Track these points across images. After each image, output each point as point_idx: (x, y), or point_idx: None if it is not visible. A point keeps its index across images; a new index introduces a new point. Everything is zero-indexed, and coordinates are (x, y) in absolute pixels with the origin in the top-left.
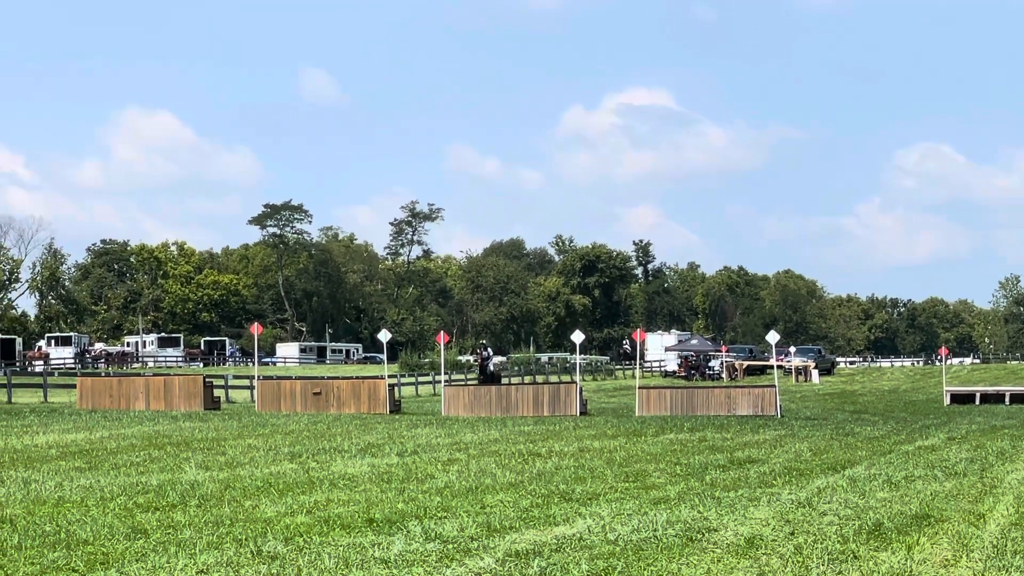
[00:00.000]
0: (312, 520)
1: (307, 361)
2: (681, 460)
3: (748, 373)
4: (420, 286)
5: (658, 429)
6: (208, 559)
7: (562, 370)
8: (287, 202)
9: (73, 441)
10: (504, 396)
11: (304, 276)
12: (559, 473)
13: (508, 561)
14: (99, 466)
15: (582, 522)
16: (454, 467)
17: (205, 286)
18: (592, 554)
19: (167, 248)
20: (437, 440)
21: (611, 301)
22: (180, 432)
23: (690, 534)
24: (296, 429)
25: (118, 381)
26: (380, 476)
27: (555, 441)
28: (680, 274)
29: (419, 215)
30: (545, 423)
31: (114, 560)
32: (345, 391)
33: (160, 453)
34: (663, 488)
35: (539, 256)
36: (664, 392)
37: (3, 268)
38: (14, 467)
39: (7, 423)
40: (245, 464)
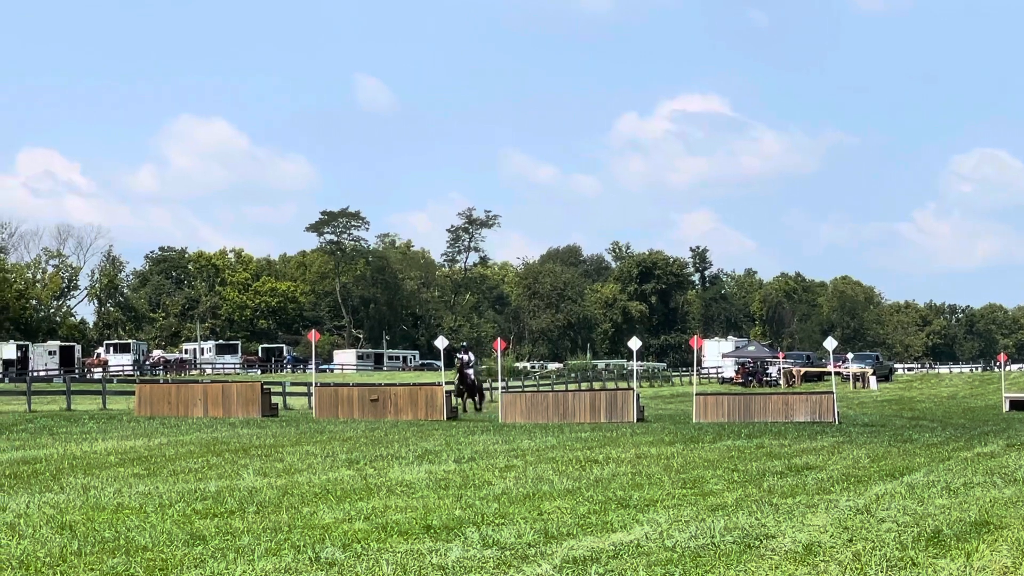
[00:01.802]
0: (370, 527)
1: (364, 368)
2: (738, 467)
3: (806, 380)
4: (477, 293)
5: (715, 436)
6: (266, 565)
7: (619, 377)
8: (344, 209)
9: (132, 448)
10: (561, 403)
11: (361, 283)
12: (616, 480)
13: (566, 568)
14: (158, 472)
15: (640, 529)
16: (511, 474)
17: (263, 293)
18: (650, 561)
19: (225, 255)
20: (494, 447)
21: (668, 308)
22: (238, 439)
23: (748, 541)
24: (353, 436)
25: (176, 388)
26: (437, 483)
27: (612, 448)
28: (737, 280)
29: (476, 222)
30: (602, 430)
31: (173, 566)
32: (402, 398)
33: (218, 460)
34: (720, 495)
35: (596, 262)
36: (721, 399)
37: (62, 276)
38: (74, 473)
39: (67, 430)
40: (303, 471)
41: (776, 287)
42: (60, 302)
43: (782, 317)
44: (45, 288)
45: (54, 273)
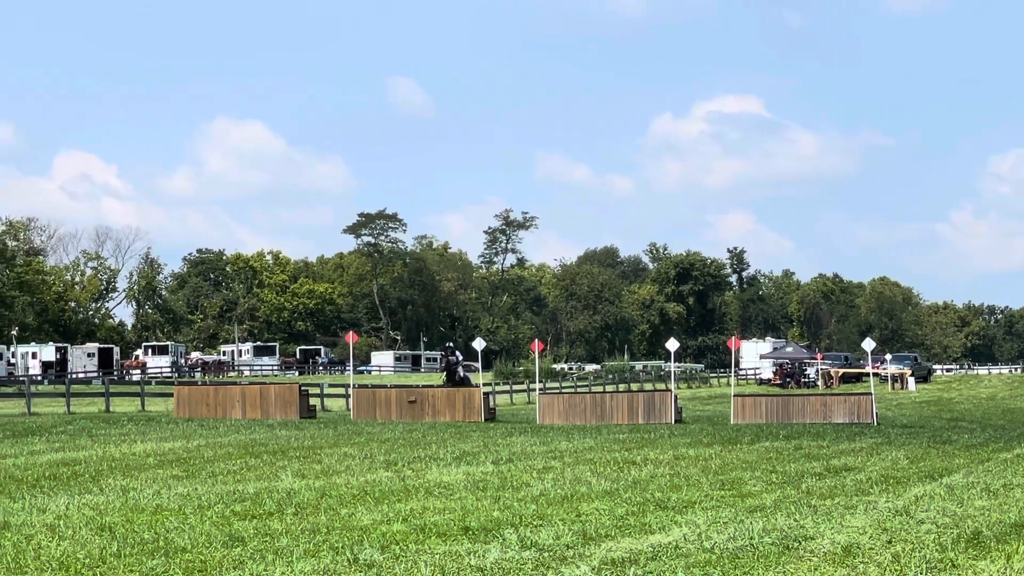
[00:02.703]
0: (408, 528)
1: (402, 369)
2: (777, 468)
3: (844, 381)
4: (514, 294)
5: (753, 437)
6: (305, 567)
7: (657, 378)
8: (381, 211)
9: (171, 449)
10: (599, 404)
11: (399, 285)
12: (654, 481)
13: (604, 569)
14: (196, 474)
15: (678, 530)
16: (549, 475)
17: (300, 295)
18: (688, 562)
19: (262, 257)
20: (532, 448)
21: (705, 309)
22: (276, 440)
23: (786, 542)
24: (391, 437)
25: (214, 390)
26: (475, 484)
27: (650, 449)
28: (774, 281)
29: (513, 223)
30: (640, 431)
31: (212, 568)
32: (440, 399)
33: (256, 461)
34: (759, 496)
35: (633, 264)
36: (759, 400)
37: (101, 278)
38: (113, 475)
39: (106, 431)
40: (341, 472)
41: (814, 288)
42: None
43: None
44: (84, 290)
45: (92, 275)
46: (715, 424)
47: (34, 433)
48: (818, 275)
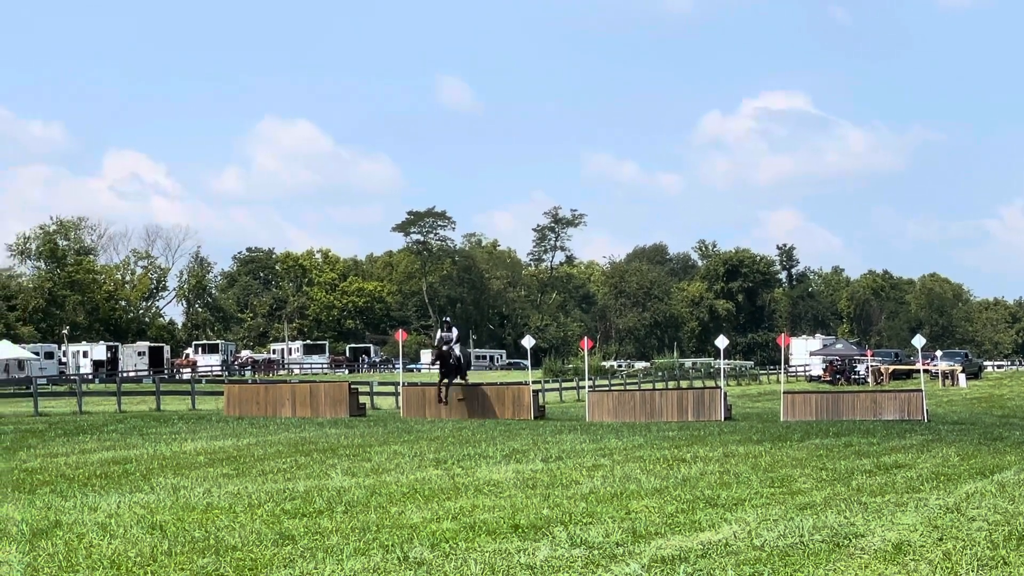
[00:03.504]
0: (458, 526)
1: None
2: (827, 465)
3: (894, 377)
4: (563, 292)
5: (803, 434)
6: (355, 565)
7: (706, 375)
8: (430, 209)
9: (221, 448)
10: (648, 401)
11: (448, 282)
12: (704, 478)
13: (654, 567)
14: (247, 472)
15: (728, 528)
16: (599, 473)
17: (350, 293)
18: (738, 560)
19: (312, 256)
20: (581, 446)
21: (755, 306)
22: (326, 439)
23: (837, 540)
24: (441, 435)
25: (264, 388)
26: (525, 482)
27: (700, 446)
28: (824, 278)
29: (562, 221)
30: (690, 428)
31: (262, 566)
32: (489, 397)
33: (307, 460)
34: (809, 493)
35: (682, 261)
36: (809, 397)
37: (151, 277)
38: (163, 473)
39: (156, 430)
40: (391, 470)
41: (863, 285)
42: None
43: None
44: (134, 289)
45: (143, 274)
46: (765, 421)
47: (85, 432)
48: (868, 272)
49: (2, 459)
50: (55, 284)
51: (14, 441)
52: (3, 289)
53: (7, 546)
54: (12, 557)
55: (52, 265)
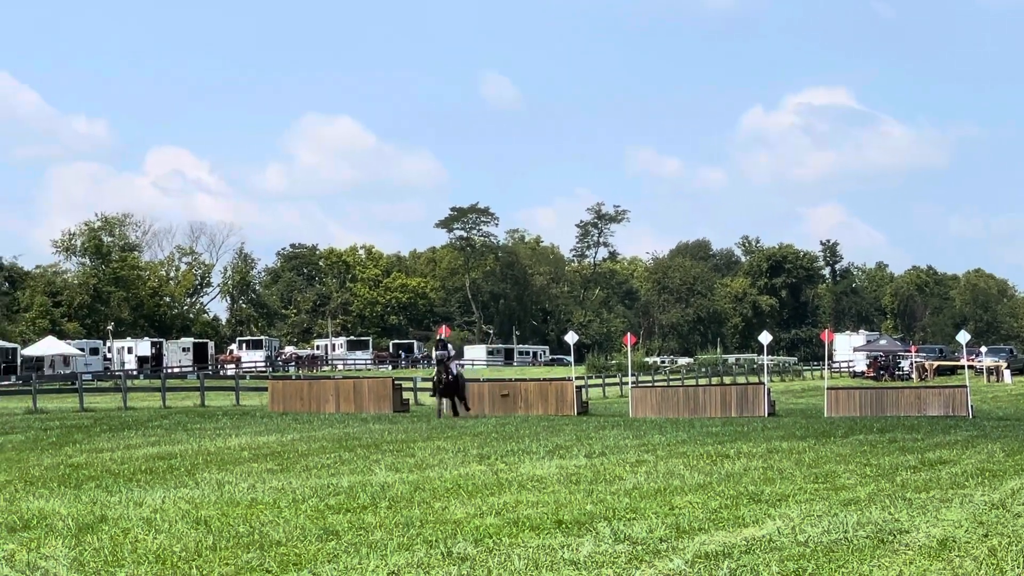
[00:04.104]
0: (501, 521)
1: (494, 363)
2: (871, 461)
3: (938, 373)
4: (606, 288)
5: (847, 430)
6: (399, 560)
7: (749, 371)
8: (473, 205)
9: (265, 443)
10: (692, 397)
11: (491, 278)
12: (748, 474)
13: (697, 563)
14: (291, 468)
15: (771, 523)
16: (642, 468)
17: (393, 289)
18: (782, 556)
19: (355, 252)
20: (625, 441)
21: (798, 302)
22: (370, 434)
23: (881, 536)
24: (484, 431)
25: (308, 384)
26: (568, 477)
27: (743, 442)
28: (868, 274)
29: (605, 217)
30: (733, 424)
31: (306, 561)
32: (533, 393)
33: (350, 455)
34: (853, 489)
35: (725, 257)
36: (853, 393)
37: (195, 273)
38: (208, 469)
39: (201, 426)
40: (434, 466)
41: (907, 280)
42: (193, 299)
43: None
44: (178, 285)
45: (187, 270)
46: (808, 417)
47: (130, 427)
48: (912, 267)
49: (48, 454)
50: (100, 280)
51: (60, 436)
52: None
53: (53, 541)
54: (58, 552)
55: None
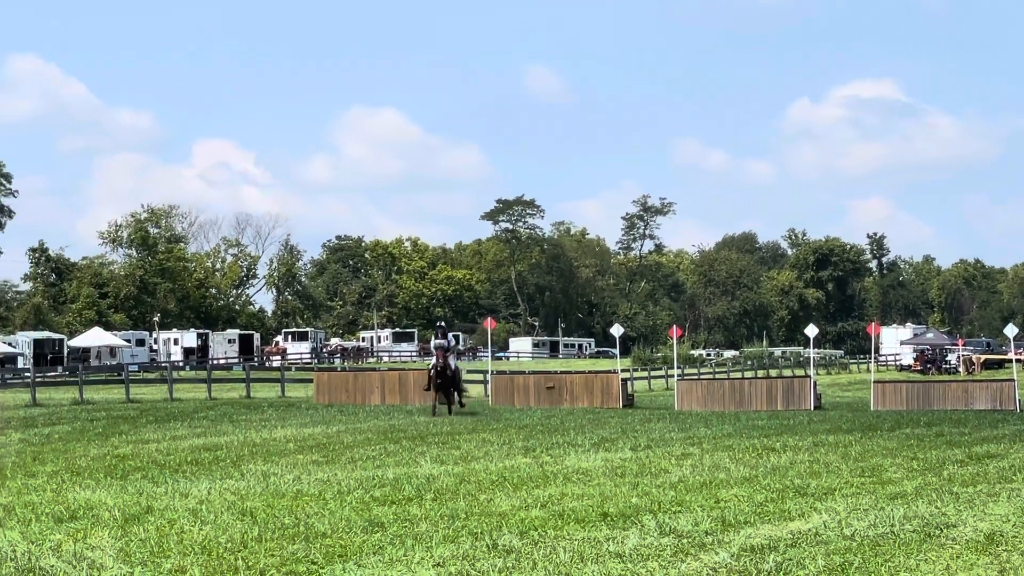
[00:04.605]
0: (546, 514)
1: (540, 356)
2: (917, 455)
3: (986, 367)
4: (652, 280)
5: (894, 424)
6: (444, 552)
7: (795, 364)
8: (519, 197)
9: (310, 435)
10: (737, 390)
11: (536, 271)
12: (794, 468)
13: (743, 556)
14: (336, 460)
15: (817, 517)
16: (688, 461)
17: (438, 281)
18: (828, 549)
19: (401, 244)
20: (670, 434)
21: (845, 295)
22: (415, 426)
23: (928, 530)
24: (530, 423)
25: (354, 376)
26: (614, 470)
27: (789, 436)
28: (915, 267)
29: (651, 209)
30: (779, 417)
31: (352, 553)
32: (578, 385)
33: (396, 447)
34: (899, 483)
35: (771, 249)
36: (900, 386)
37: (241, 265)
38: (253, 460)
39: (247, 417)
40: (480, 458)
41: (955, 274)
42: (239, 291)
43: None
44: (224, 277)
45: (233, 262)
46: (855, 411)
47: (176, 418)
48: (959, 260)
49: (95, 445)
50: (146, 272)
51: (106, 427)
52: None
53: (100, 531)
54: (105, 542)
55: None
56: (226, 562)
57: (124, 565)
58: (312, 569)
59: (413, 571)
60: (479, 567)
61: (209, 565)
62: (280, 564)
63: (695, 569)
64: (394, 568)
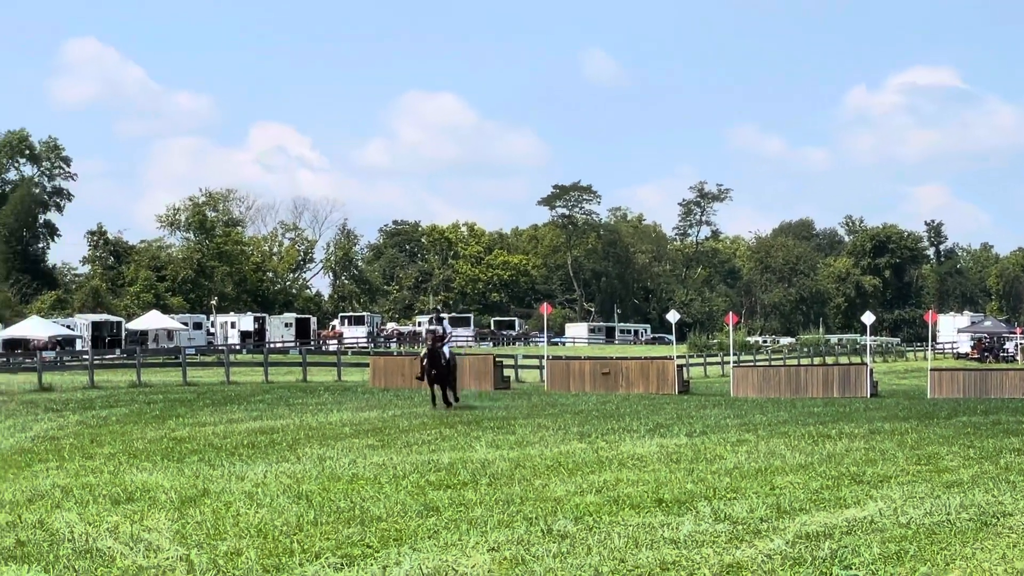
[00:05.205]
0: (602, 500)
1: (596, 341)
2: (974, 443)
3: None
4: (708, 266)
5: (950, 411)
6: (499, 537)
7: (852, 351)
8: (576, 183)
9: (366, 419)
10: (793, 377)
11: (593, 256)
12: (849, 455)
13: (798, 543)
14: (391, 444)
15: (873, 505)
16: (743, 448)
17: (495, 266)
18: (883, 537)
19: (457, 229)
20: (726, 421)
21: (902, 282)
22: (470, 411)
23: (984, 518)
24: (585, 409)
25: (410, 360)
26: (669, 456)
27: (845, 423)
28: (973, 255)
29: (707, 195)
30: (835, 404)
31: (407, 537)
32: (634, 371)
33: (451, 432)
34: (956, 471)
35: (828, 236)
36: (957, 374)
37: (298, 248)
38: (309, 444)
39: (303, 401)
40: (535, 443)
41: (1013, 262)
42: (296, 275)
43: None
44: (281, 260)
45: (290, 246)
46: (911, 398)
47: (233, 402)
48: (1017, 248)
49: (152, 428)
50: (204, 255)
51: (163, 410)
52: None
53: (156, 514)
54: (161, 524)
55: (201, 236)
56: (281, 545)
57: (180, 547)
58: (367, 552)
59: (468, 555)
60: (534, 552)
61: (265, 548)
62: (335, 547)
63: (749, 556)
64: (449, 552)
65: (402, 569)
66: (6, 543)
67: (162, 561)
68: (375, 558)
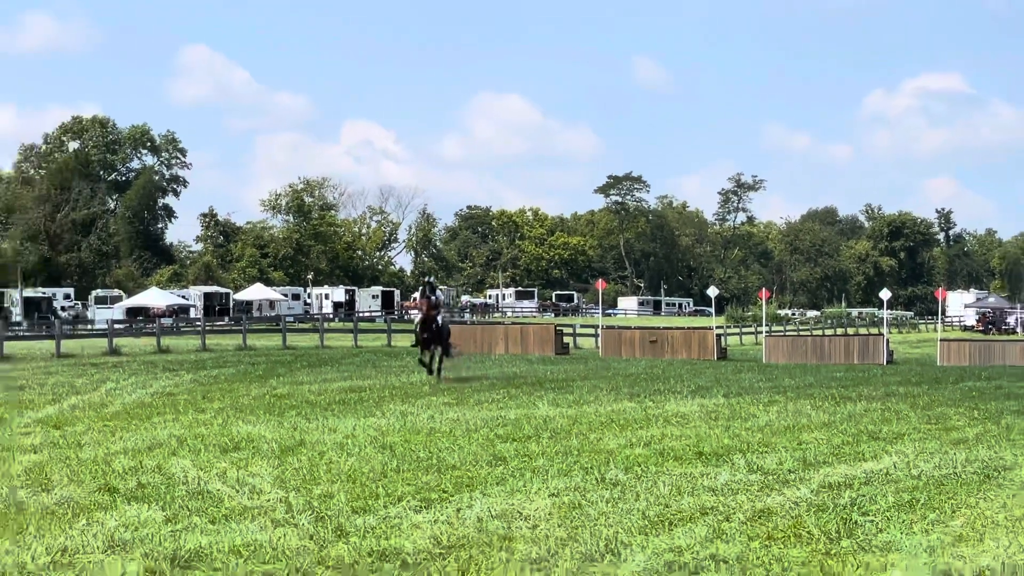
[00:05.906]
0: (649, 452)
1: (644, 313)
2: (979, 405)
3: None
4: (744, 248)
5: (958, 377)
6: (559, 484)
7: (870, 323)
8: (628, 173)
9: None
10: (819, 346)
11: (642, 239)
12: (868, 415)
13: (822, 492)
14: (465, 402)
15: (888, 459)
16: (774, 408)
17: (556, 247)
18: (898, 487)
19: (524, 213)
20: (759, 384)
21: (915, 263)
22: (534, 373)
23: (987, 472)
24: (635, 372)
25: (481, 329)
26: (708, 414)
27: (864, 386)
28: (978, 239)
29: (743, 185)
30: (855, 370)
31: (478, 483)
32: (678, 340)
33: (517, 391)
34: (962, 430)
35: (850, 222)
36: (964, 344)
37: (384, 230)
38: (393, 401)
39: (387, 363)
40: (591, 402)
41: (1015, 245)
42: (382, 253)
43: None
44: (369, 240)
45: (377, 228)
46: (923, 365)
47: (327, 364)
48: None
49: (256, 386)
50: (302, 235)
51: (266, 370)
52: (258, 239)
53: (259, 461)
54: (263, 470)
55: (299, 219)
56: (368, 489)
57: (280, 490)
58: (443, 496)
59: (531, 500)
60: (589, 497)
61: (353, 492)
62: (415, 492)
63: (779, 503)
64: (514, 497)
65: (473, 512)
66: (129, 485)
67: (264, 502)
68: (450, 502)
